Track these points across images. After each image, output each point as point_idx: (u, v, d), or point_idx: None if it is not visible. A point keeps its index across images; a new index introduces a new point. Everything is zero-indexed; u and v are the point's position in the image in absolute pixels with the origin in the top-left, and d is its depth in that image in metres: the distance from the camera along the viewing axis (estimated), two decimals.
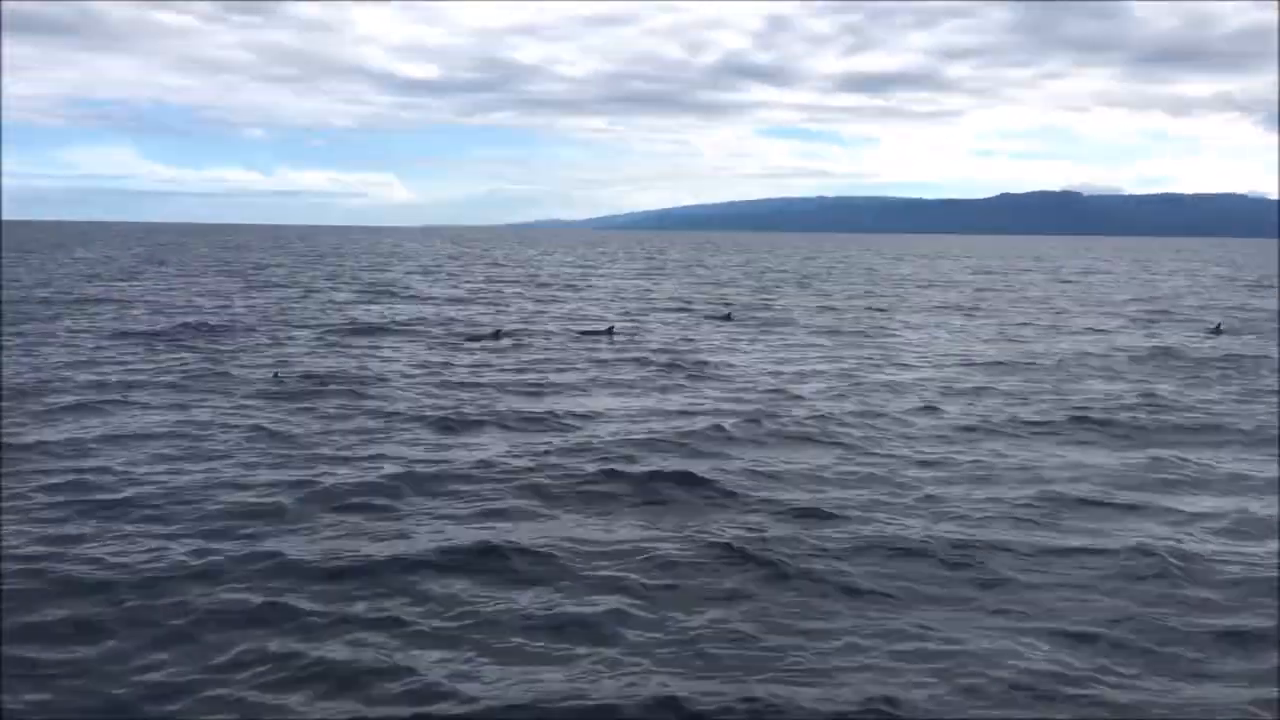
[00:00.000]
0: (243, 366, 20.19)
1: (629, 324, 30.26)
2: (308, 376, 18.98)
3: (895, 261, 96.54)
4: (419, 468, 12.22)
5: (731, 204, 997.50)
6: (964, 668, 7.11)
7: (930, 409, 16.70)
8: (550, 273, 65.50)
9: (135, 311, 31.69)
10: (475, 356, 22.79)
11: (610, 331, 27.22)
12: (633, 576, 8.79)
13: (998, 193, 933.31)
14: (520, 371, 20.50)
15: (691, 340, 26.41)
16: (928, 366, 22.31)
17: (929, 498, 11.40)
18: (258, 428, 14.25)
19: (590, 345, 24.93)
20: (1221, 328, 30.73)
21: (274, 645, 7.33)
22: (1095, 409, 16.76)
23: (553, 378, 19.63)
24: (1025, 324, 32.77)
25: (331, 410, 15.82)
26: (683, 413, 16.11)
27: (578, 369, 20.94)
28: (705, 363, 21.87)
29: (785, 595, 8.52)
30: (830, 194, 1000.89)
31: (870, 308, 38.88)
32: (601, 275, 63.21)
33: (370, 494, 11.13)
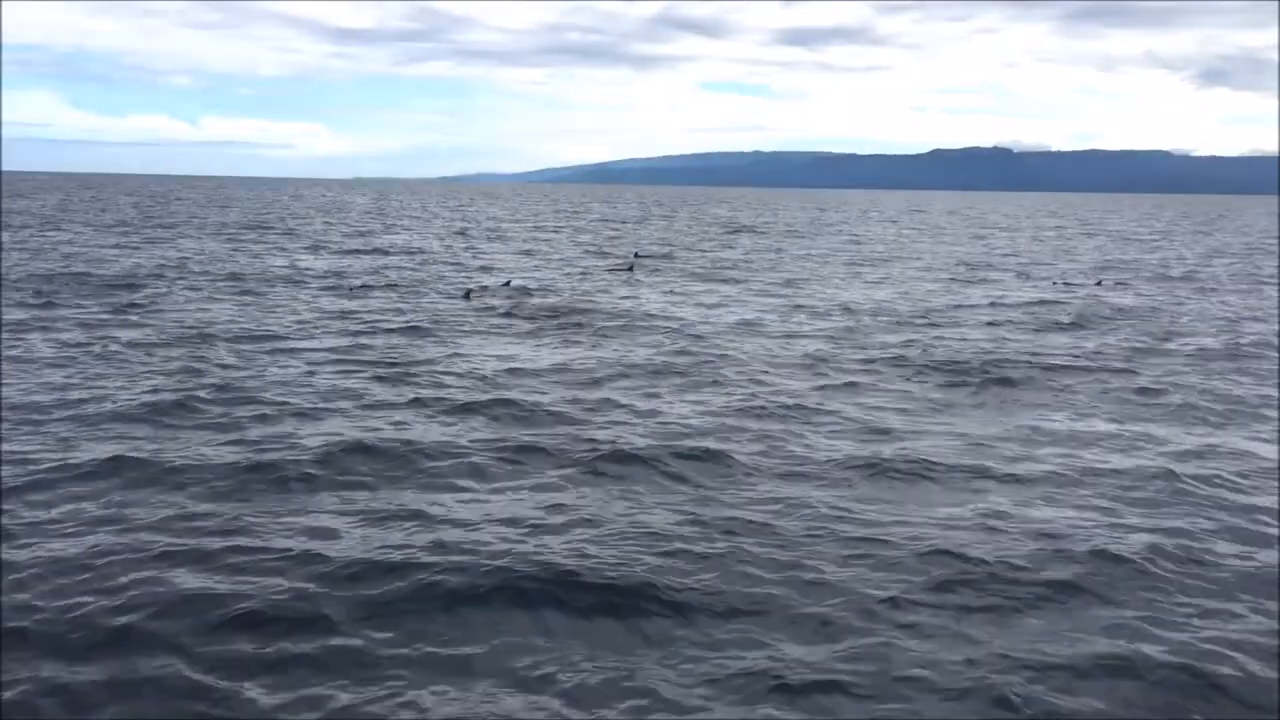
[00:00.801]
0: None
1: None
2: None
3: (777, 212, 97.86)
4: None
5: (667, 158, 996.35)
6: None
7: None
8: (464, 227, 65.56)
9: None
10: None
11: (508, 284, 27.75)
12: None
13: (931, 148, 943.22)
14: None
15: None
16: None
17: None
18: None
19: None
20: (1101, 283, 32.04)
21: None
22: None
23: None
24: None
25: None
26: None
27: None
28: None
29: None
30: (766, 149, 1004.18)
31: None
32: (510, 227, 63.42)
33: None
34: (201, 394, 13.50)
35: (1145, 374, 16.62)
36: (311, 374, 15.24)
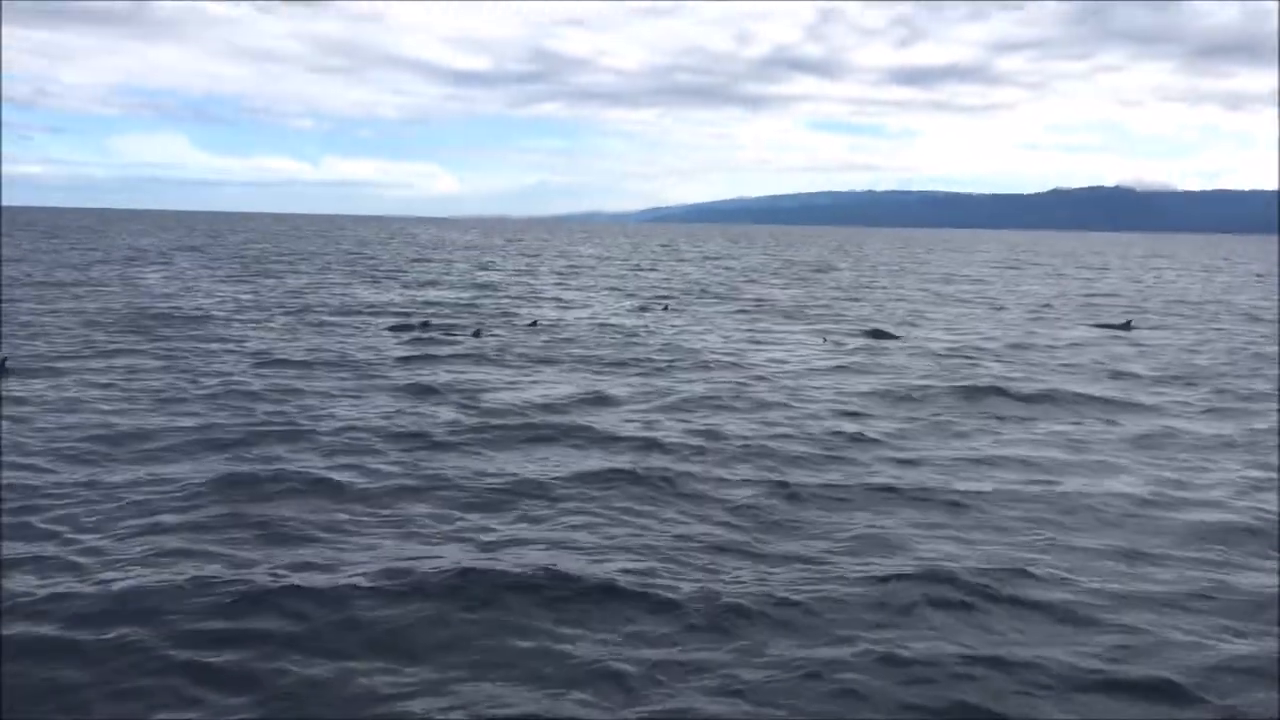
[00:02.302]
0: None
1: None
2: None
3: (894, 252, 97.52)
4: None
5: (777, 197, 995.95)
6: None
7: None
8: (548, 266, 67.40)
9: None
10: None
11: (534, 324, 28.51)
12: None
13: (1049, 188, 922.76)
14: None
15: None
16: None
17: None
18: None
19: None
20: (1131, 324, 31.84)
21: None
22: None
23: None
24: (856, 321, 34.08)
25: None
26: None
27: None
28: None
29: None
30: (879, 188, 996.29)
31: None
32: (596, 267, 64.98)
33: None
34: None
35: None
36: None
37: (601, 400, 17.22)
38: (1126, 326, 31.32)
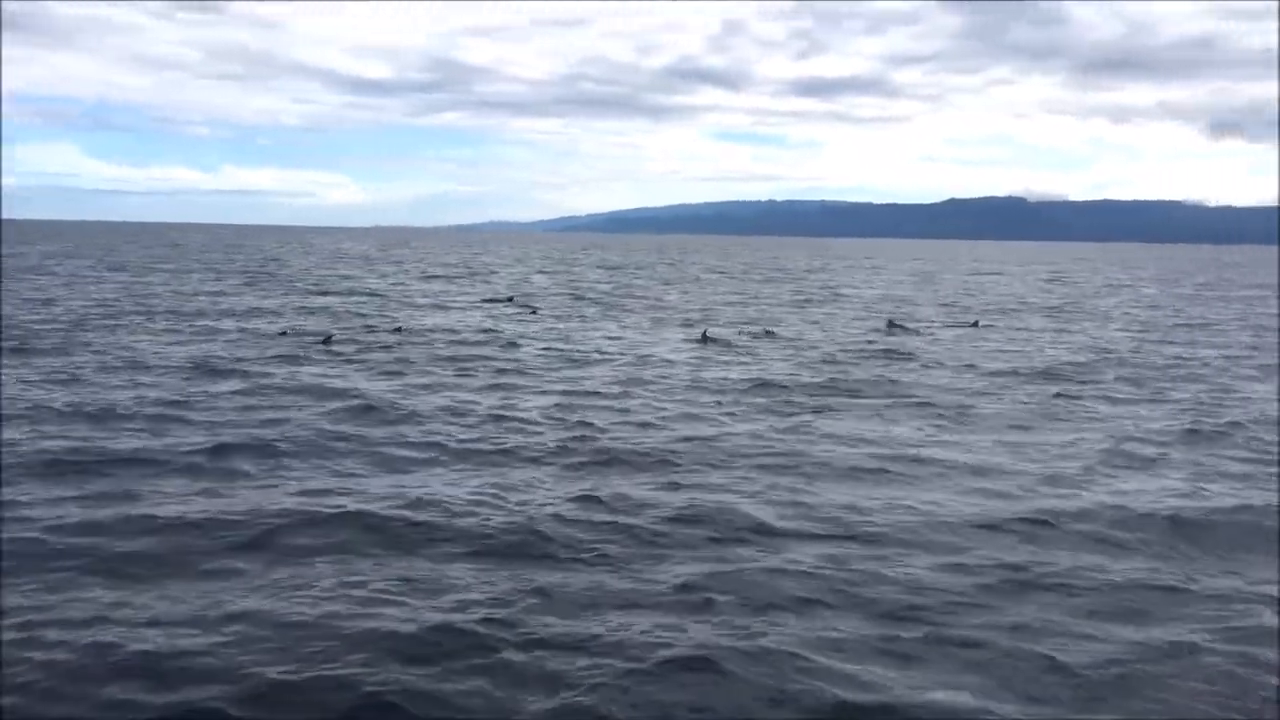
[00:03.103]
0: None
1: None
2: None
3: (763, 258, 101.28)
4: None
5: (682, 206, 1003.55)
6: None
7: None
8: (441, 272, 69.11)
9: None
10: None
11: (398, 330, 29.53)
12: None
13: (945, 198, 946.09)
14: None
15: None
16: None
17: None
18: None
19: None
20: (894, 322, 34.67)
21: None
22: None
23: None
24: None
25: None
26: None
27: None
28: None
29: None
30: (780, 197, 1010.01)
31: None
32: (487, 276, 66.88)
33: None
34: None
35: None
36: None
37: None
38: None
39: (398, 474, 12.82)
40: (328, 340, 26.18)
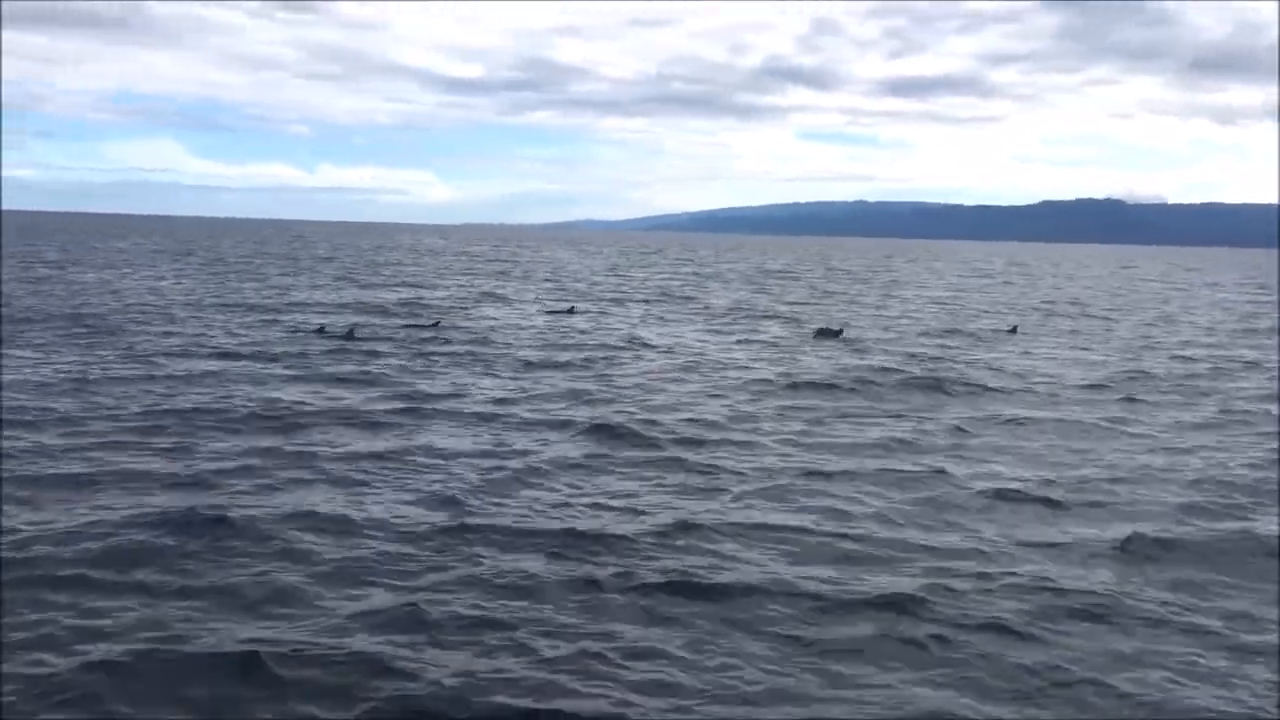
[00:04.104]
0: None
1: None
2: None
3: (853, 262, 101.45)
4: None
5: (770, 206, 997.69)
6: None
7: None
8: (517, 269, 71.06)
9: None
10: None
11: (436, 324, 30.46)
12: None
13: (1039, 199, 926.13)
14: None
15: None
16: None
17: None
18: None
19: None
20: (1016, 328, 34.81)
21: None
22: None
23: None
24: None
25: None
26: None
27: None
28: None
29: None
30: (871, 198, 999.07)
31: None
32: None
33: None
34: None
35: None
36: None
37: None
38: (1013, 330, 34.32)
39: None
40: (350, 334, 26.52)
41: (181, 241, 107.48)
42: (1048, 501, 12.46)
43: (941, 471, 13.74)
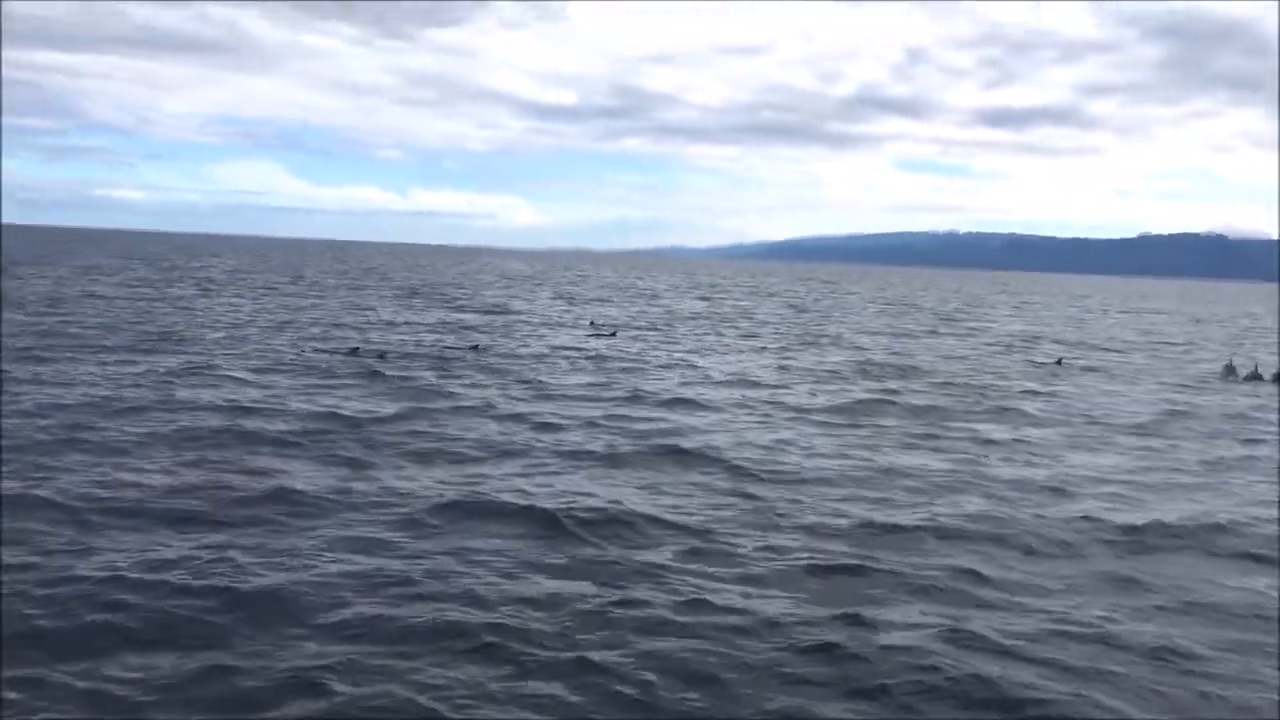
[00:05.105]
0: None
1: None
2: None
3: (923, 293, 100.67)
4: None
5: (858, 236, 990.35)
6: None
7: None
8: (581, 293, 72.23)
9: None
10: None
11: (475, 349, 30.41)
12: None
13: (1138, 233, 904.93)
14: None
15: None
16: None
17: None
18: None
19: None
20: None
21: None
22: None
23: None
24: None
25: None
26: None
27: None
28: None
29: None
30: (963, 229, 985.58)
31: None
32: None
33: None
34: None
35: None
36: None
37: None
38: (1059, 363, 34.27)
39: None
40: (383, 356, 27.03)
41: (270, 262, 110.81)
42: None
43: None
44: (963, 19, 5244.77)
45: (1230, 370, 31.79)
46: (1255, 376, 30.40)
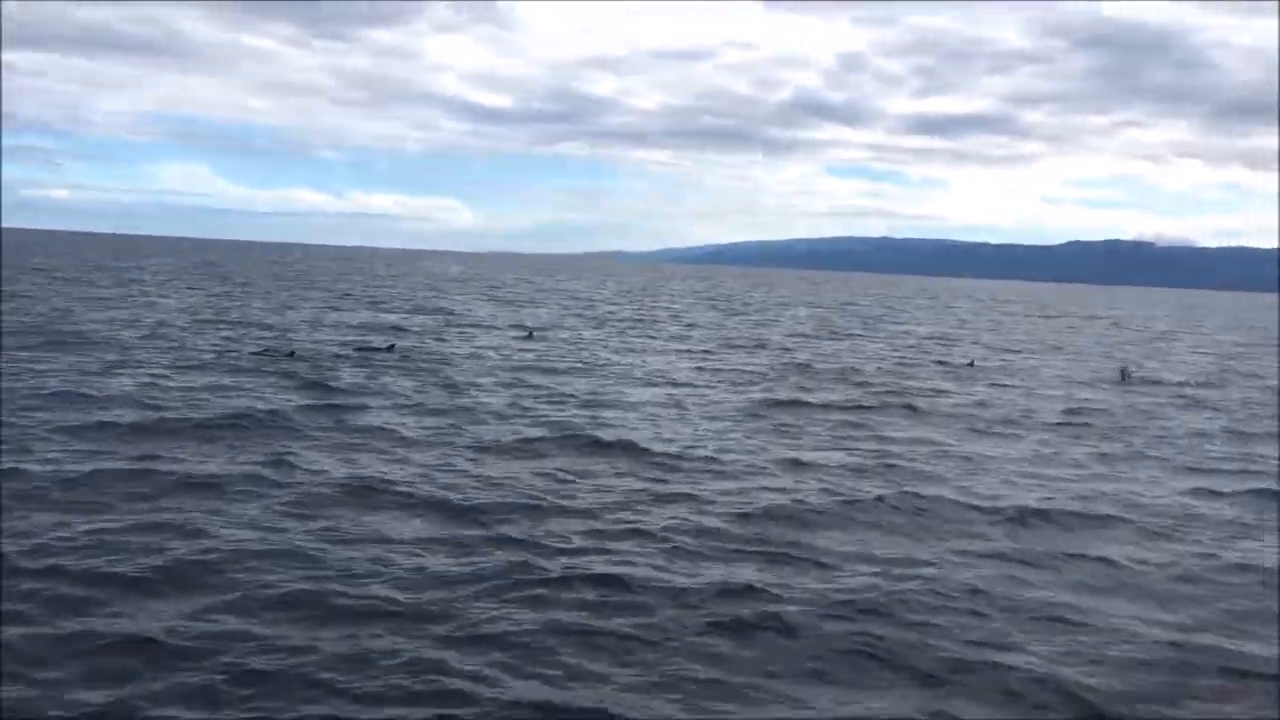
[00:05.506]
0: None
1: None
2: None
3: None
4: None
5: (794, 241, 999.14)
6: None
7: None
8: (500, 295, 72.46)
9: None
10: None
11: (390, 348, 30.11)
12: None
13: (1067, 239, 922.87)
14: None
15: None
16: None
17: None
18: None
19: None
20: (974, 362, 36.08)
21: None
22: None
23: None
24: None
25: None
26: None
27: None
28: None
29: None
30: (896, 235, 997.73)
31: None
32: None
33: None
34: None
35: None
36: None
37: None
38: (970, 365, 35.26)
39: None
40: (292, 355, 26.85)
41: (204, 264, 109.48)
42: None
43: None
44: (897, 28, 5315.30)
45: (1125, 374, 33.23)
46: (1128, 378, 32.28)
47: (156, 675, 7.78)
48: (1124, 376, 32.78)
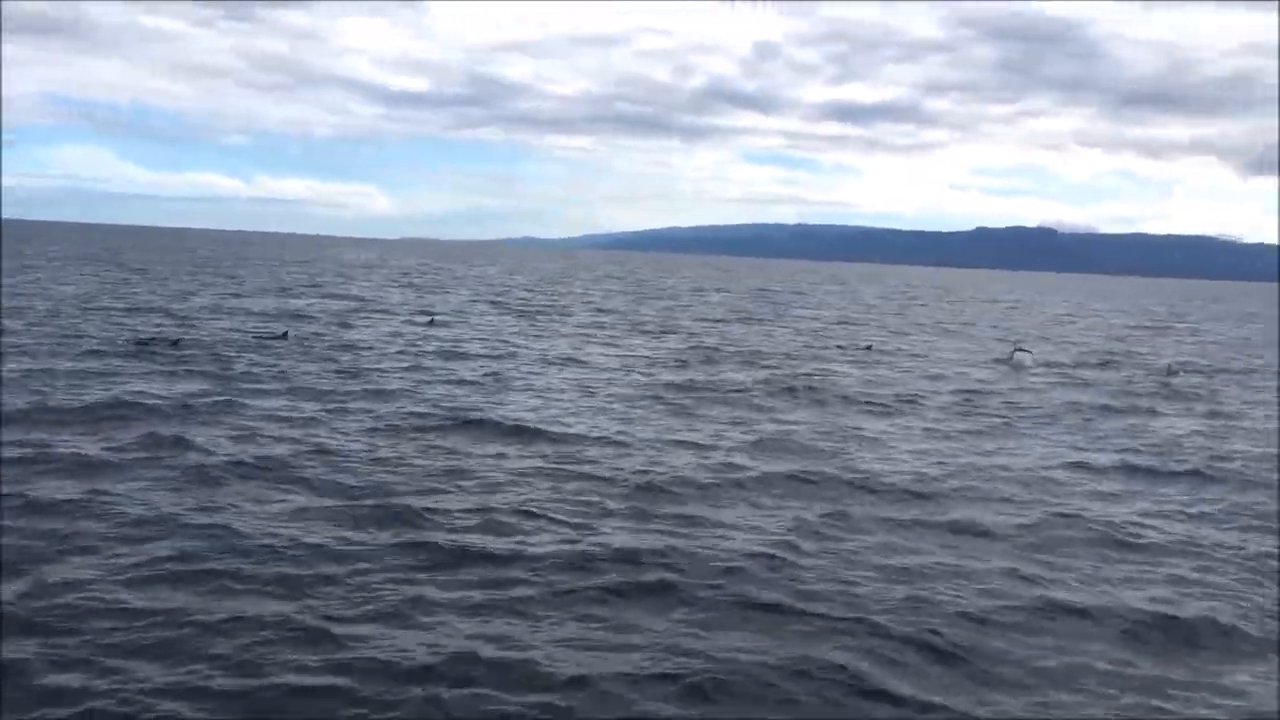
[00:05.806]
0: None
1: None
2: None
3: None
4: None
5: (709, 228, 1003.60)
6: None
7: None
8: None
9: None
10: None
11: (285, 335, 29.68)
12: None
13: (974, 226, 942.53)
14: None
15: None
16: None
17: None
18: None
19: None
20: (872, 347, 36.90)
21: None
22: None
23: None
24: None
25: None
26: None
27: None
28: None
29: None
30: (810, 221, 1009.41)
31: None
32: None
33: None
34: None
35: None
36: None
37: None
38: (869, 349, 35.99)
39: None
40: (177, 344, 26.24)
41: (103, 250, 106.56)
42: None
43: None
44: (811, 17, 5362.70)
45: (1013, 356, 34.26)
46: (1013, 361, 33.14)
47: (20, 646, 7.89)
48: (1013, 359, 33.76)
